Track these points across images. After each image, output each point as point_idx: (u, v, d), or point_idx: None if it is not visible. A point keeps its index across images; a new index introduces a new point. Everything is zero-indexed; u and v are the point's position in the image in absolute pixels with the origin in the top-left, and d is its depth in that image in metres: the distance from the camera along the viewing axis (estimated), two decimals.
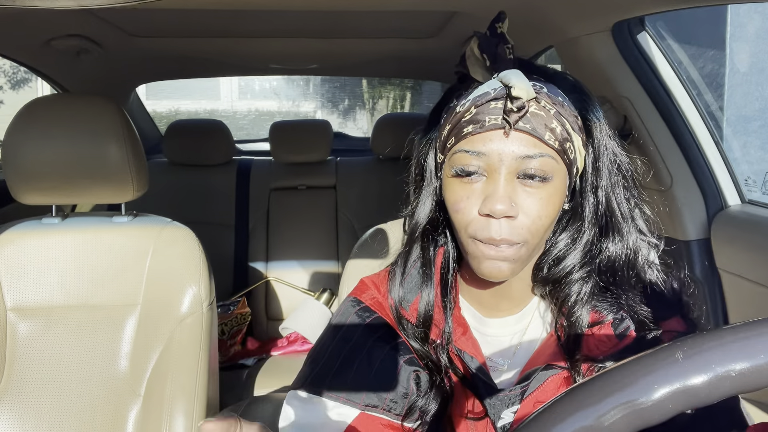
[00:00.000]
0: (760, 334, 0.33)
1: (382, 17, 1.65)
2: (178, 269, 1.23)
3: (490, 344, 0.74)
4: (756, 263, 1.25)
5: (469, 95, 0.67)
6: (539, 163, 0.63)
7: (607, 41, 1.31)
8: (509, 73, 0.63)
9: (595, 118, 0.69)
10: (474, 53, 0.68)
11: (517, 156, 0.63)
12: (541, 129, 0.63)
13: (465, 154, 0.65)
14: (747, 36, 3.83)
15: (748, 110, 3.88)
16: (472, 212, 0.65)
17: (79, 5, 0.53)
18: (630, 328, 0.69)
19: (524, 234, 0.64)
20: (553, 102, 0.65)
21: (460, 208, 0.66)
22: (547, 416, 0.34)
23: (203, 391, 1.20)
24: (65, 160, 1.21)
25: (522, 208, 0.64)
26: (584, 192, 0.70)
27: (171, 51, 2.06)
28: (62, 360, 1.22)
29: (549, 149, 0.64)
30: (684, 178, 1.40)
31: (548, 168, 0.64)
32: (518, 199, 0.64)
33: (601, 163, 0.69)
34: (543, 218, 0.65)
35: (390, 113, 7.89)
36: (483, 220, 0.64)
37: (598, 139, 0.69)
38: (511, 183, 0.64)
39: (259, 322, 2.36)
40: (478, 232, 0.65)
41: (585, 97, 0.69)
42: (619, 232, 0.70)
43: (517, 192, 0.64)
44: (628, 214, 0.70)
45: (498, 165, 0.64)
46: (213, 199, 2.49)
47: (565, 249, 0.71)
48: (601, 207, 0.70)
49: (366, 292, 0.79)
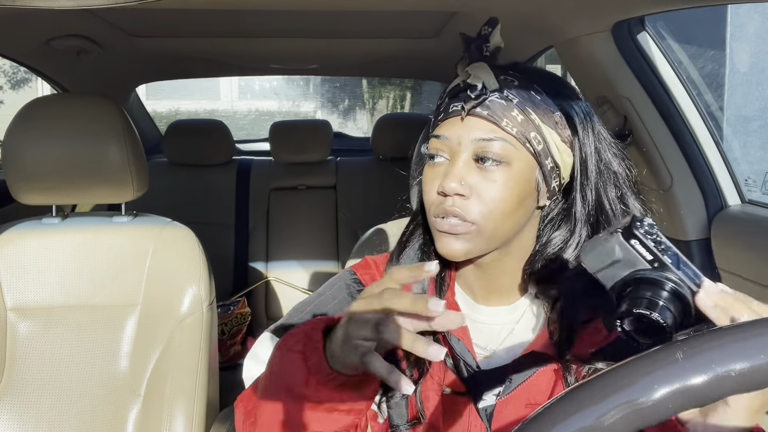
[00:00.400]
0: (760, 334, 0.33)
1: (382, 17, 1.65)
2: (178, 269, 1.23)
3: (479, 330, 0.76)
4: (756, 263, 1.25)
5: (447, 89, 0.73)
6: (494, 146, 0.67)
7: (607, 41, 1.31)
8: (476, 67, 0.69)
9: (584, 120, 0.71)
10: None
11: (474, 139, 0.67)
12: (500, 114, 0.67)
13: (433, 140, 0.71)
14: (747, 36, 3.83)
15: (748, 110, 3.88)
16: (434, 193, 0.70)
17: (79, 5, 0.53)
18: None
19: (475, 215, 0.67)
20: (521, 97, 0.67)
21: (426, 190, 0.71)
22: (547, 416, 0.34)
23: (203, 391, 1.20)
24: (65, 160, 1.21)
25: (475, 189, 0.67)
26: (575, 191, 0.71)
27: (171, 51, 2.06)
28: (62, 360, 1.22)
29: (507, 135, 0.67)
30: (684, 178, 1.40)
31: (504, 153, 0.67)
32: (472, 180, 0.67)
33: (590, 164, 0.70)
34: (497, 202, 0.67)
35: (390, 113, 7.89)
36: (440, 198, 0.69)
37: (583, 140, 0.70)
38: (468, 165, 0.68)
39: (259, 322, 2.36)
40: (435, 208, 0.69)
41: (573, 100, 0.71)
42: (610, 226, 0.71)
43: (472, 174, 0.68)
44: (621, 213, 0.71)
45: (457, 148, 0.68)
46: (213, 199, 2.49)
47: (558, 247, 0.72)
48: (592, 206, 0.71)
49: (366, 269, 0.83)
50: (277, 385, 0.62)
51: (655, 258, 0.55)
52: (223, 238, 2.44)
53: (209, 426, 1.23)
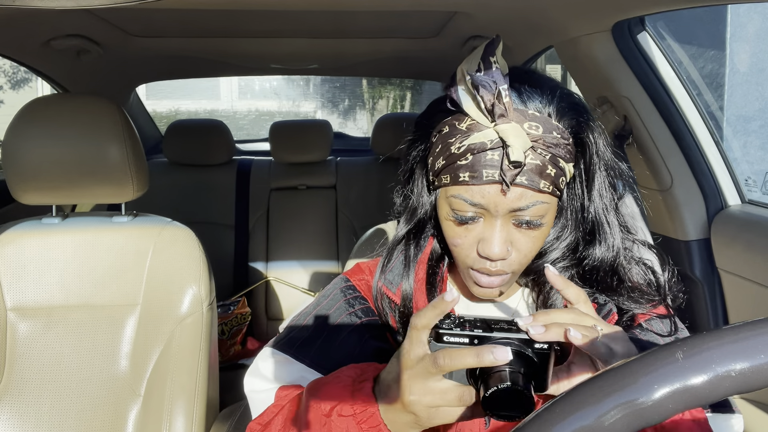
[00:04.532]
0: (760, 334, 0.33)
1: (382, 17, 1.65)
2: (178, 269, 1.23)
3: None
4: (756, 263, 1.25)
5: (464, 137, 0.66)
6: (533, 211, 0.66)
7: (607, 41, 1.31)
8: (508, 130, 0.63)
9: (590, 139, 0.70)
10: (467, 85, 0.66)
11: (512, 207, 0.66)
12: (536, 179, 0.65)
13: (463, 202, 0.67)
14: (747, 36, 3.83)
15: (748, 110, 3.88)
16: (470, 250, 0.70)
17: (79, 5, 0.53)
18: (612, 311, 0.73)
19: (515, 266, 0.70)
20: (547, 145, 0.65)
21: (458, 244, 0.70)
22: (547, 416, 0.34)
23: (203, 391, 1.20)
24: (65, 160, 1.21)
25: (515, 245, 0.69)
26: (570, 197, 0.73)
27: (171, 51, 2.06)
28: (62, 360, 1.22)
29: (543, 195, 0.67)
30: (684, 178, 1.40)
31: (541, 212, 0.67)
32: (513, 239, 0.68)
33: (595, 182, 0.72)
34: (534, 251, 0.70)
35: (390, 113, 7.88)
36: (480, 259, 0.69)
37: (585, 148, 0.70)
38: (506, 227, 0.68)
39: (259, 322, 2.36)
40: (475, 264, 0.70)
41: (582, 115, 0.69)
42: (605, 241, 0.73)
43: (511, 233, 0.68)
44: (616, 223, 0.74)
45: (494, 213, 0.67)
46: (213, 199, 2.49)
47: (548, 245, 0.75)
48: (581, 203, 0.73)
49: (358, 275, 0.84)
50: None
51: (470, 338, 0.57)
52: (223, 238, 2.43)
53: (209, 426, 1.23)
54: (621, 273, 0.73)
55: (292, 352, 0.77)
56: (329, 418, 0.62)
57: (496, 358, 0.54)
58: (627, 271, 0.74)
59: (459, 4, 1.39)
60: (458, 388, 0.57)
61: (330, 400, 0.63)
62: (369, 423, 0.61)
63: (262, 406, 0.74)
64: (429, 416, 0.58)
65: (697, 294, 1.39)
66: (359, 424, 0.61)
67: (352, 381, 0.65)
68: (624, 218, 0.76)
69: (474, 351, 0.55)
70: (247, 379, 0.79)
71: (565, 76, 3.83)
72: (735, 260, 1.32)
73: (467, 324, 0.58)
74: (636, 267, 0.75)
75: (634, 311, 0.73)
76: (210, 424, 1.23)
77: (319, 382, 0.67)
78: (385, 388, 0.61)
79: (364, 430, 0.61)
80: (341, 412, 0.62)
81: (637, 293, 0.73)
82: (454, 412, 0.58)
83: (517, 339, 0.57)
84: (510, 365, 0.55)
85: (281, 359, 0.77)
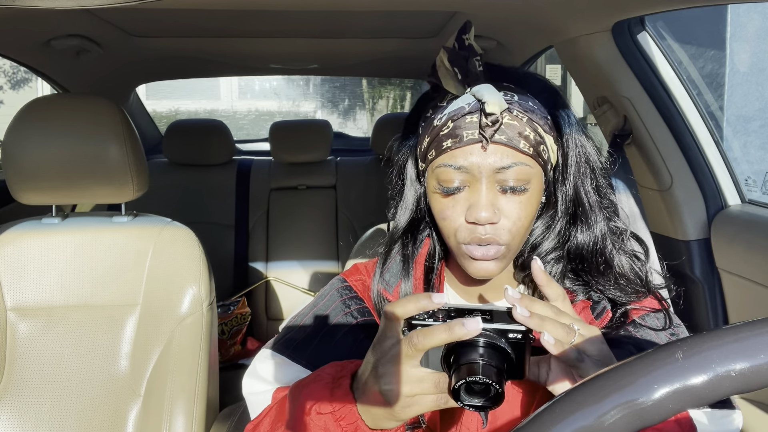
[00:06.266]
0: (760, 334, 0.33)
1: (382, 17, 1.65)
2: (178, 269, 1.23)
3: None
4: (756, 263, 1.25)
5: (444, 109, 0.71)
6: (515, 172, 0.68)
7: (607, 41, 1.31)
8: (482, 88, 0.68)
9: (564, 115, 0.74)
10: (444, 64, 0.71)
11: (495, 167, 0.68)
12: (516, 138, 0.68)
13: (448, 169, 0.69)
14: (747, 36, 3.83)
15: (748, 110, 3.88)
16: (459, 220, 0.70)
17: (79, 5, 0.53)
18: (606, 308, 0.74)
19: (506, 235, 0.70)
20: (525, 109, 0.69)
21: (447, 216, 0.71)
22: (547, 416, 0.34)
23: (203, 391, 1.20)
24: (65, 160, 1.21)
25: (503, 211, 0.69)
26: (557, 182, 0.75)
27: (171, 51, 2.06)
28: (62, 360, 1.22)
29: (524, 156, 0.69)
30: (684, 178, 1.40)
31: (525, 176, 0.69)
32: (499, 204, 0.69)
33: (570, 157, 0.74)
34: (523, 219, 0.70)
35: (390, 113, 7.88)
36: (469, 226, 0.70)
37: (567, 135, 0.73)
38: (491, 190, 0.69)
39: (259, 322, 2.36)
40: (465, 236, 0.70)
41: (555, 96, 0.74)
42: (587, 221, 0.74)
43: (497, 198, 0.69)
44: (597, 203, 0.75)
45: (478, 176, 0.68)
46: (213, 199, 2.49)
47: (540, 236, 0.76)
48: (570, 197, 0.75)
49: (355, 275, 0.85)
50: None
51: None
52: (223, 238, 2.43)
53: (209, 426, 1.23)
54: (609, 258, 0.74)
55: (288, 353, 0.78)
56: (308, 416, 0.62)
57: (468, 329, 0.54)
58: (614, 258, 0.75)
59: (459, 4, 1.39)
60: (434, 375, 0.57)
61: (310, 399, 0.63)
62: (347, 420, 0.61)
63: (260, 408, 0.74)
64: (405, 405, 0.58)
65: (697, 294, 1.39)
66: (337, 422, 0.61)
67: (332, 379, 0.65)
68: (612, 204, 0.77)
69: (446, 326, 0.55)
70: (245, 381, 0.79)
71: (565, 76, 3.82)
72: (735, 260, 1.32)
73: (440, 313, 0.58)
74: (624, 256, 0.76)
75: (621, 300, 0.74)
76: (210, 424, 1.23)
77: (301, 382, 0.67)
78: (362, 383, 0.61)
79: (342, 427, 0.61)
80: (320, 410, 0.62)
81: (623, 280, 0.74)
82: (430, 400, 0.58)
83: (491, 329, 0.56)
84: (482, 357, 0.55)
85: (278, 361, 0.78)
